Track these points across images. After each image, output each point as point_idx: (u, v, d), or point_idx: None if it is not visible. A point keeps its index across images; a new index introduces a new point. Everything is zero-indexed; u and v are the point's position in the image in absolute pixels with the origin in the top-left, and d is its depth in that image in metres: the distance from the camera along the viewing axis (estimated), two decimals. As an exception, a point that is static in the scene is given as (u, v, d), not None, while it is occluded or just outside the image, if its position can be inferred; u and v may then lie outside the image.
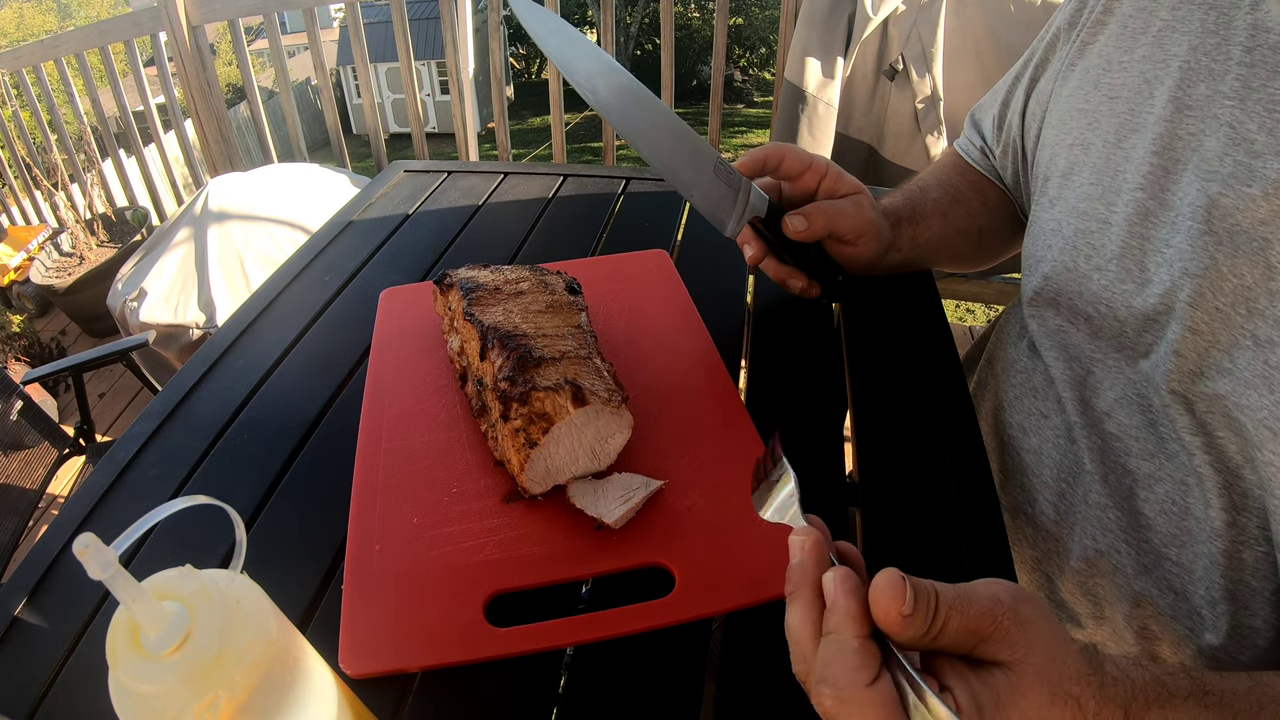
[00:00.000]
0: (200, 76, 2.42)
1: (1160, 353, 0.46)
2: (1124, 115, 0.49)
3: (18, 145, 3.04)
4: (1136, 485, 0.50)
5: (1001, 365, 0.66)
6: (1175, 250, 0.44)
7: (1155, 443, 0.48)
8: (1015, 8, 1.53)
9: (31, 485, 1.44)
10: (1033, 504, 0.58)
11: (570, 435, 0.47)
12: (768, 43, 15.77)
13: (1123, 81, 0.49)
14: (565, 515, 0.48)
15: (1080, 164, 0.52)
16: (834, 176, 0.61)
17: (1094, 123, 0.51)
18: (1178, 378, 0.45)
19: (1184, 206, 0.44)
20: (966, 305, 3.70)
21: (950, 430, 0.56)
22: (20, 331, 2.79)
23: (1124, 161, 0.48)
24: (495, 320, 0.54)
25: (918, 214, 0.66)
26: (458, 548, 0.46)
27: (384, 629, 0.42)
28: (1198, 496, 0.46)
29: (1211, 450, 0.44)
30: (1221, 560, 0.45)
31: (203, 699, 0.24)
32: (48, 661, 0.44)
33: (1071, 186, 0.53)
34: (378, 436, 0.55)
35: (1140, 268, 0.47)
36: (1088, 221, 0.51)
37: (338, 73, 15.70)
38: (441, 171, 1.02)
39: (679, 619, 0.42)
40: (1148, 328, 0.47)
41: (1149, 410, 0.49)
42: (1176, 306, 0.44)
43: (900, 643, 0.29)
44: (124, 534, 0.25)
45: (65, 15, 14.48)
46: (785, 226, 0.60)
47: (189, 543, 0.51)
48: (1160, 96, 0.46)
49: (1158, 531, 0.49)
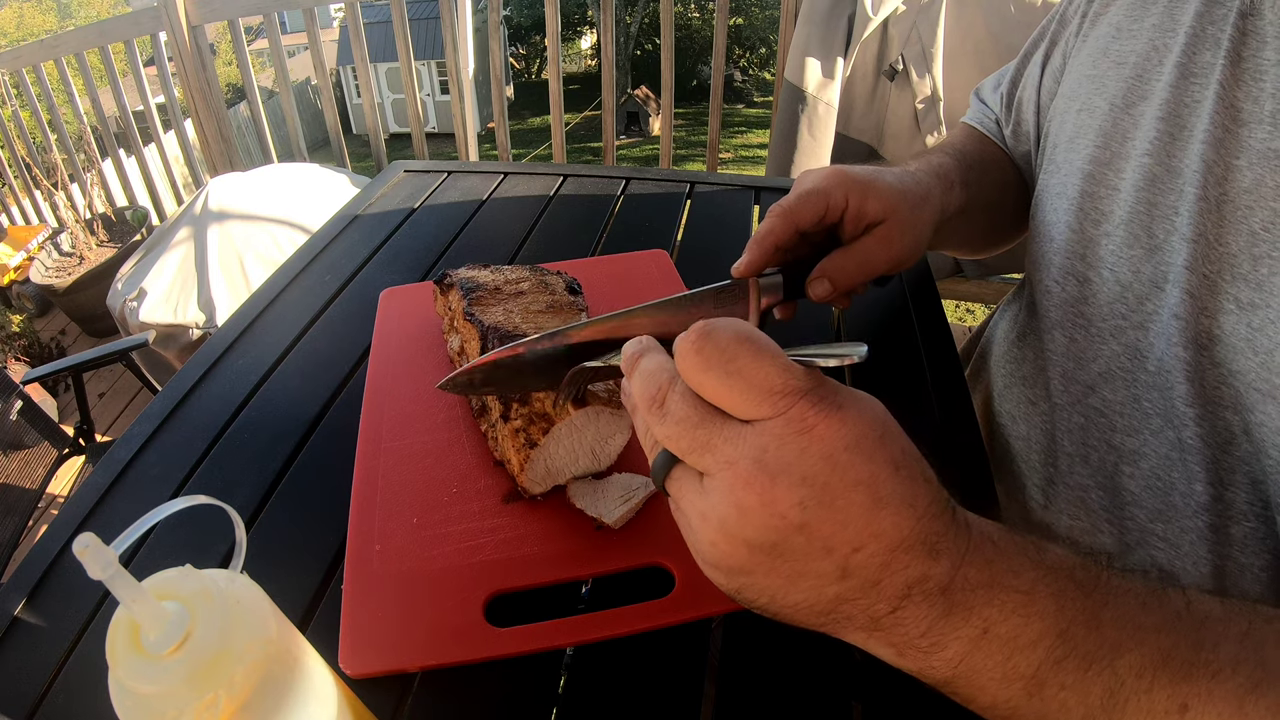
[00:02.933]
0: (200, 76, 2.42)
1: (1162, 319, 0.46)
2: (1131, 81, 0.49)
3: (18, 145, 3.04)
4: (1121, 461, 0.50)
5: (993, 357, 0.66)
6: (1181, 217, 0.44)
7: (1140, 417, 0.48)
8: (1015, 8, 1.54)
9: (31, 485, 1.44)
10: (1023, 490, 0.58)
11: (570, 436, 0.47)
12: (768, 43, 15.79)
13: (1131, 48, 0.49)
14: (565, 515, 0.48)
15: (1086, 128, 0.52)
16: (856, 202, 0.51)
17: (1100, 87, 0.51)
18: (1181, 344, 0.44)
19: (1189, 174, 0.44)
20: (966, 305, 3.70)
21: (950, 430, 0.56)
22: (20, 331, 2.80)
23: (1132, 128, 0.48)
24: (496, 320, 0.54)
25: (950, 183, 0.59)
26: (457, 548, 0.46)
27: (383, 629, 0.42)
28: (1181, 472, 0.46)
29: (1205, 422, 0.44)
30: (1209, 535, 0.45)
31: (203, 699, 0.24)
32: (48, 661, 0.44)
33: (1077, 150, 0.52)
34: (377, 436, 0.55)
35: (1148, 233, 0.47)
36: (1095, 185, 0.51)
37: (338, 73, 15.71)
38: (441, 171, 1.02)
39: (679, 619, 0.42)
40: (1150, 294, 0.47)
41: (1135, 384, 0.49)
42: (1172, 272, 0.45)
43: None
44: (124, 534, 0.25)
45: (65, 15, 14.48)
46: (810, 294, 0.52)
47: (189, 543, 0.51)
48: (1169, 63, 0.46)
49: (1144, 507, 0.49)
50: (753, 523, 0.27)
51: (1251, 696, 0.26)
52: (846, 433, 0.27)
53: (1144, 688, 0.26)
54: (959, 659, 0.27)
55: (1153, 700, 0.26)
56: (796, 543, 0.27)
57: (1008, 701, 0.27)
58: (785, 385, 0.27)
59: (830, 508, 0.26)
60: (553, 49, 2.20)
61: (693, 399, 0.29)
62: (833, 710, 0.39)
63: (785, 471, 0.26)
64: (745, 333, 0.28)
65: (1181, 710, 0.26)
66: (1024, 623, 0.27)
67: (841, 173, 0.51)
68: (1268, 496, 0.42)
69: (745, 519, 0.27)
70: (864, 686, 0.40)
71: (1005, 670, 0.27)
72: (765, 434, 0.27)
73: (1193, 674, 0.26)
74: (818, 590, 0.28)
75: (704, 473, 0.29)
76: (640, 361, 0.31)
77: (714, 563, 0.29)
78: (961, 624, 0.27)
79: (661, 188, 0.92)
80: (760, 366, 0.27)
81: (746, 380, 0.27)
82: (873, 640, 0.28)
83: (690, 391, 0.29)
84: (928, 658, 0.28)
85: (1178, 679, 0.26)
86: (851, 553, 0.26)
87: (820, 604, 0.28)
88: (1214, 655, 0.27)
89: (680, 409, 0.29)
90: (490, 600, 0.44)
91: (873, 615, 0.27)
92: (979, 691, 0.28)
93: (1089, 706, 0.27)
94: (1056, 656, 0.27)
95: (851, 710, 0.39)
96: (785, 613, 0.29)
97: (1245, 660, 0.26)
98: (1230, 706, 0.26)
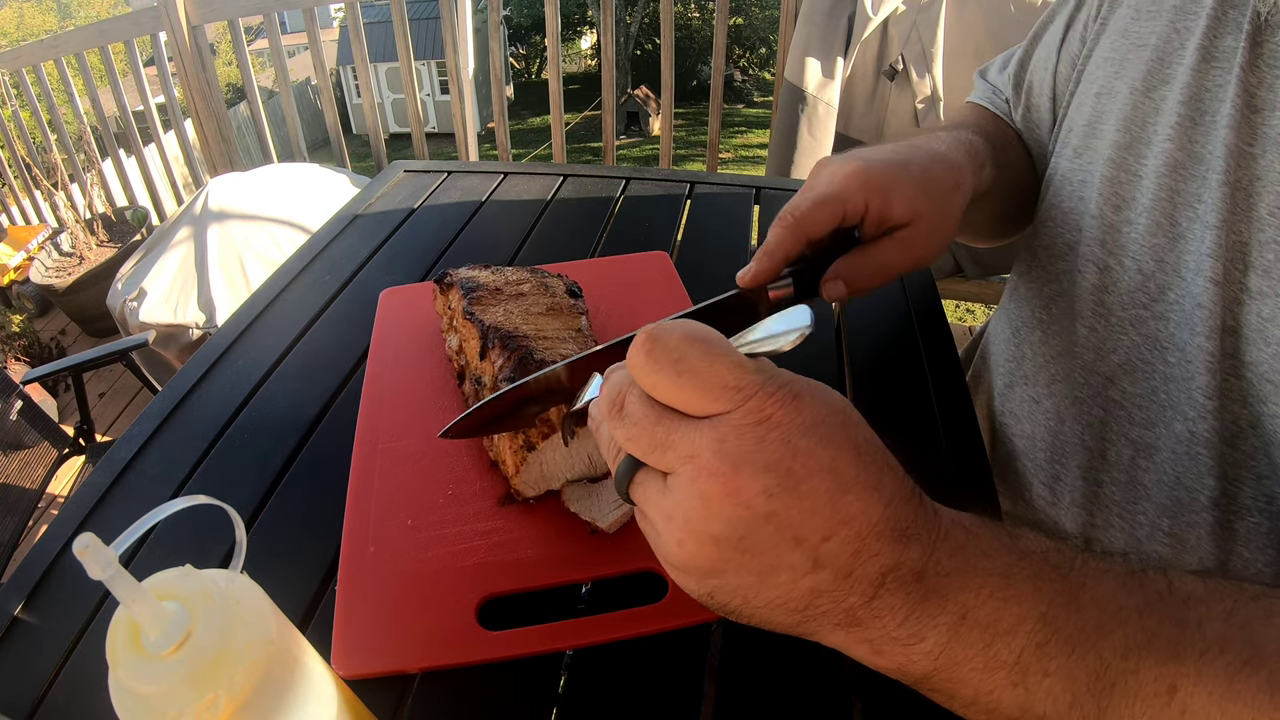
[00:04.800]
0: (200, 76, 2.42)
1: (1185, 309, 0.45)
2: (1152, 64, 0.48)
3: (18, 145, 3.04)
4: (1138, 455, 0.49)
5: (993, 357, 0.66)
6: (1204, 204, 0.43)
7: (1157, 410, 0.48)
8: (1015, 8, 1.54)
9: (31, 485, 1.44)
10: (1029, 489, 0.58)
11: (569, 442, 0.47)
12: (768, 43, 15.77)
13: (1151, 29, 0.48)
14: (560, 519, 0.48)
15: (1107, 112, 0.51)
16: (878, 206, 0.47)
17: (1119, 70, 0.50)
18: (1203, 334, 0.43)
19: (1212, 160, 0.43)
20: (966, 305, 3.70)
21: (950, 430, 0.56)
22: (20, 331, 2.79)
23: (1154, 113, 0.47)
24: (496, 320, 0.54)
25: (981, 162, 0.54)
26: (451, 550, 0.46)
27: (376, 630, 0.42)
28: (1189, 465, 0.46)
29: (1221, 415, 0.43)
30: (1216, 530, 0.45)
31: (203, 699, 0.24)
32: (48, 661, 0.44)
33: (1099, 136, 0.51)
34: (374, 437, 0.55)
35: (1170, 221, 0.46)
36: (1117, 171, 0.49)
37: (338, 73, 15.70)
38: (441, 171, 1.02)
39: (669, 626, 0.42)
40: (1173, 283, 0.46)
41: (1153, 376, 0.48)
42: (1195, 260, 0.44)
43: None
44: (124, 534, 0.25)
45: (65, 15, 14.48)
46: (824, 296, 0.48)
47: (189, 543, 0.51)
48: (1190, 46, 0.45)
49: (1155, 502, 0.48)
50: (718, 514, 0.26)
51: (1241, 674, 0.25)
52: (803, 419, 0.26)
53: (1130, 669, 0.26)
54: (938, 650, 0.26)
55: (1140, 682, 0.26)
56: (765, 534, 0.26)
57: (990, 694, 0.27)
58: (738, 380, 0.27)
59: (795, 493, 0.26)
60: (553, 49, 2.20)
61: (649, 400, 0.29)
62: (833, 710, 0.39)
63: (747, 460, 0.26)
64: (693, 331, 0.28)
65: (1170, 691, 0.26)
66: (1002, 606, 0.26)
67: (861, 172, 0.46)
68: (1273, 491, 0.42)
69: (710, 510, 0.26)
70: (864, 686, 0.40)
71: (987, 658, 0.26)
72: (724, 425, 0.27)
73: (1180, 653, 0.26)
74: (790, 585, 0.27)
75: (666, 471, 0.28)
76: (610, 375, 0.31)
77: (682, 565, 0.29)
78: (938, 610, 0.26)
79: (661, 188, 0.92)
80: (711, 364, 0.27)
81: (698, 379, 0.27)
82: (850, 638, 0.28)
83: (646, 394, 0.29)
84: (907, 651, 0.27)
85: (1165, 659, 0.26)
86: (821, 541, 0.26)
87: (794, 600, 0.27)
88: (1200, 634, 0.26)
89: (637, 409, 0.29)
90: (483, 603, 0.44)
91: (848, 609, 0.27)
92: (960, 685, 0.27)
93: (1075, 693, 0.26)
94: (1039, 640, 0.26)
95: (851, 710, 0.39)
96: (760, 614, 0.28)
97: (1232, 638, 0.26)
98: (1220, 685, 0.25)
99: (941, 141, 0.53)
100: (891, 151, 0.49)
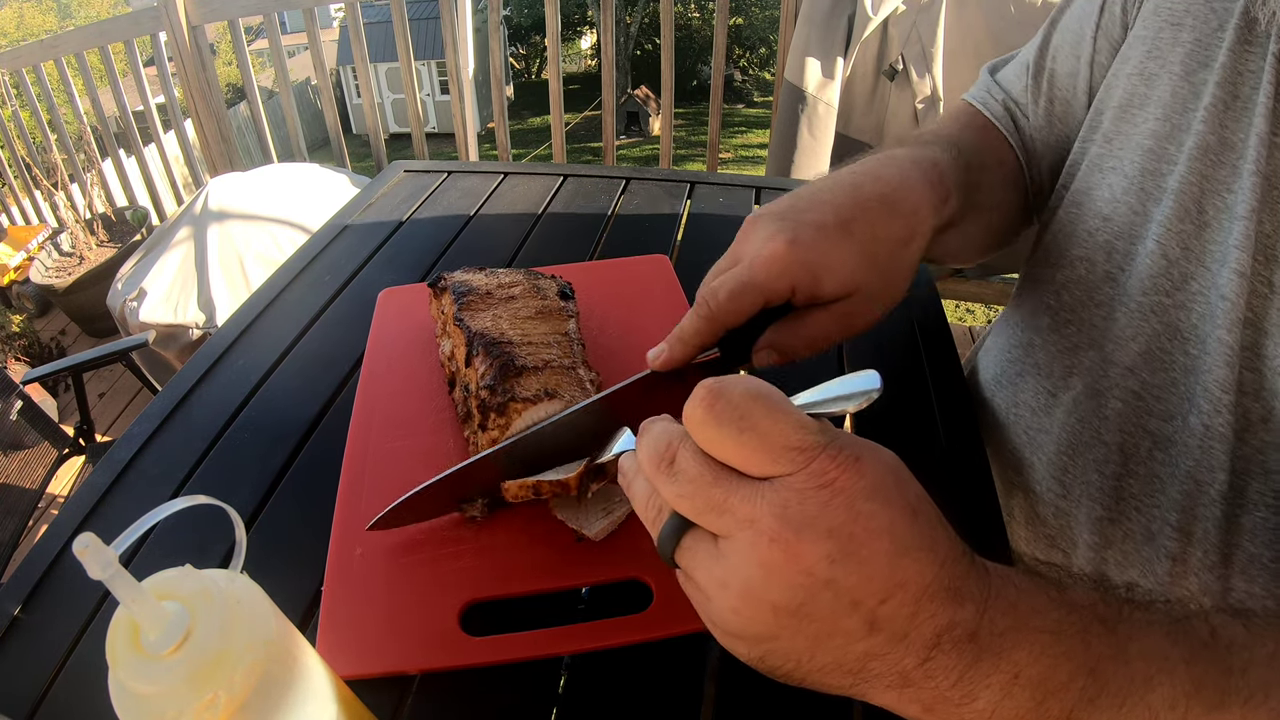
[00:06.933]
0: (200, 76, 2.42)
1: (1209, 300, 0.44)
2: (1190, 46, 0.45)
3: (18, 145, 3.04)
4: (1155, 447, 0.49)
5: (995, 355, 0.65)
6: (1235, 194, 0.42)
7: (1175, 402, 0.47)
8: (1015, 8, 1.54)
9: (31, 485, 1.44)
10: (1035, 486, 0.57)
11: None
12: (768, 43, 15.78)
13: (1185, 8, 0.46)
14: (546, 526, 0.47)
15: (1144, 97, 0.48)
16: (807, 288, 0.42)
17: (1154, 50, 0.48)
18: (1225, 326, 0.43)
19: (1245, 148, 0.42)
20: (966, 305, 3.71)
21: (950, 430, 0.56)
22: (20, 331, 2.80)
23: (1193, 98, 0.45)
24: (483, 326, 0.53)
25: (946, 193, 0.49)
26: (437, 554, 0.46)
27: (360, 633, 0.42)
28: (1202, 459, 0.45)
29: (1236, 410, 0.43)
30: (1223, 524, 0.45)
31: (203, 699, 0.24)
32: (48, 661, 0.44)
33: (1135, 122, 0.49)
34: (366, 439, 0.55)
35: (1198, 208, 0.44)
36: (1155, 161, 0.47)
37: (338, 73, 15.71)
38: (441, 171, 1.02)
39: (655, 635, 0.42)
40: (1196, 273, 0.45)
41: (1173, 367, 0.47)
42: (1221, 251, 0.43)
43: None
44: (124, 534, 0.25)
45: (65, 15, 14.47)
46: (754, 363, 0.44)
47: (189, 543, 0.51)
48: (1228, 29, 0.43)
49: (1168, 494, 0.48)
50: (779, 582, 0.26)
51: None
52: (866, 483, 0.26)
53: (1178, 719, 0.26)
54: (991, 709, 0.26)
55: None
56: (824, 600, 0.26)
57: None
58: (802, 441, 0.26)
59: (856, 558, 0.25)
60: (553, 49, 2.20)
61: (704, 457, 0.28)
62: (833, 710, 0.39)
63: (810, 526, 0.25)
64: (757, 389, 0.27)
65: None
66: (1054, 664, 0.26)
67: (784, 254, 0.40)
68: (1279, 486, 0.42)
69: (771, 579, 0.26)
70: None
71: (1038, 715, 0.26)
72: (786, 489, 0.26)
73: (1225, 701, 0.26)
74: (845, 649, 0.26)
75: (720, 535, 0.27)
76: (650, 427, 0.31)
77: (736, 632, 0.28)
78: (992, 670, 0.26)
79: (661, 188, 0.92)
80: (775, 423, 0.26)
81: (762, 437, 0.26)
82: (903, 698, 0.27)
83: (701, 450, 0.28)
84: (959, 711, 0.26)
85: (1211, 707, 0.26)
86: (879, 605, 0.26)
87: (848, 663, 0.27)
88: (1244, 680, 0.26)
89: (692, 467, 0.28)
90: (466, 608, 0.43)
91: (902, 670, 0.26)
92: None
93: None
94: (1089, 695, 0.26)
95: (851, 710, 0.39)
96: (813, 677, 0.28)
97: (1276, 683, 0.26)
98: None
99: (903, 171, 0.47)
100: (835, 209, 0.43)
